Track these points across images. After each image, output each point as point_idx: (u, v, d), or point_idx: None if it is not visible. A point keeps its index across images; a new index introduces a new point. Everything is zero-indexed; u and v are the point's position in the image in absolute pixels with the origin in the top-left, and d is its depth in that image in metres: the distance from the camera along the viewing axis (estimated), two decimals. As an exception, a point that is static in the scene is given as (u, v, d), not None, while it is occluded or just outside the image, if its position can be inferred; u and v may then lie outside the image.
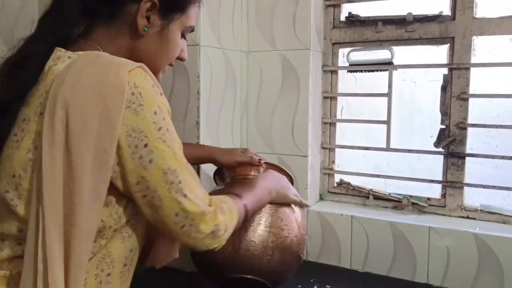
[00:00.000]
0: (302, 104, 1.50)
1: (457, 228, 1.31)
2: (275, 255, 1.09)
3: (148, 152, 0.76)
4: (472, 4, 1.36)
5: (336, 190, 1.62)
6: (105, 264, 0.82)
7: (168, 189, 0.79)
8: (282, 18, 1.50)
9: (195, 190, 0.83)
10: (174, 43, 0.90)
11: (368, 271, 1.42)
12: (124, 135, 0.74)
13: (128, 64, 0.77)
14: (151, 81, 0.78)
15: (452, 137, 1.41)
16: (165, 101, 0.81)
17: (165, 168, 0.78)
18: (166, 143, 0.78)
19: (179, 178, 0.80)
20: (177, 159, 0.80)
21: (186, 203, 0.81)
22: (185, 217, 0.82)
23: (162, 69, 0.93)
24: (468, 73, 1.38)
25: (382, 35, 1.49)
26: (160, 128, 0.77)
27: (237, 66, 1.52)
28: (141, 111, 0.75)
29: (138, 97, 0.75)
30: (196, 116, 1.36)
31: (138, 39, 0.87)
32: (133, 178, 0.77)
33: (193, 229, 0.83)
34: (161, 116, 0.77)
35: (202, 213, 0.83)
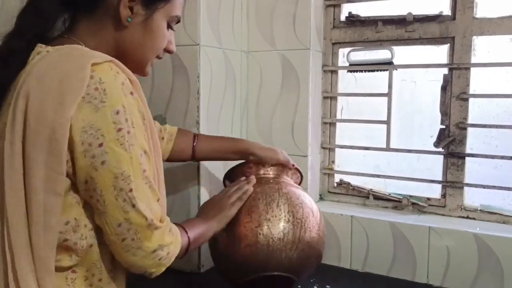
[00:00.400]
0: (302, 104, 1.50)
1: (457, 228, 1.31)
2: (302, 251, 1.09)
3: (101, 153, 0.73)
4: (472, 4, 1.36)
5: (336, 190, 1.62)
6: (97, 269, 0.81)
7: (116, 195, 0.75)
8: (282, 18, 1.50)
9: (148, 202, 0.78)
10: (159, 33, 0.88)
11: (368, 271, 1.42)
12: (79, 130, 0.71)
13: (96, 57, 0.75)
14: (122, 78, 0.75)
15: (452, 137, 1.41)
16: (135, 102, 0.77)
17: (117, 173, 0.74)
18: (123, 146, 0.74)
19: (131, 185, 0.75)
20: (133, 165, 0.75)
21: (132, 214, 0.76)
22: (128, 229, 0.77)
23: (149, 61, 0.90)
24: (468, 73, 1.38)
25: (382, 35, 1.49)
26: (120, 129, 0.73)
27: (237, 66, 1.52)
28: (102, 108, 0.72)
29: (101, 93, 0.72)
30: (196, 116, 1.36)
31: (122, 30, 0.84)
32: (81, 176, 0.74)
33: (134, 244, 0.78)
34: (124, 117, 0.73)
35: (148, 227, 0.78)
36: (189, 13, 1.34)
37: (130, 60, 0.86)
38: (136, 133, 0.76)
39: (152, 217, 0.79)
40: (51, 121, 0.70)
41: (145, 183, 0.78)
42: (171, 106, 1.39)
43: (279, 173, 1.23)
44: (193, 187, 1.39)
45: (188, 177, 1.39)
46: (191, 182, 1.39)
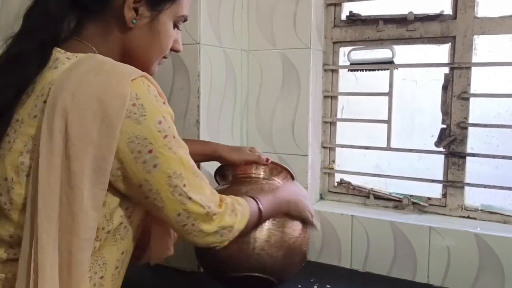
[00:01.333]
0: (303, 103, 1.49)
1: (457, 228, 1.31)
2: (280, 252, 1.09)
3: (152, 158, 0.76)
4: (473, 4, 1.35)
5: (336, 190, 1.62)
6: (98, 267, 0.82)
7: (172, 191, 0.79)
8: (283, 17, 1.50)
9: (203, 191, 0.84)
10: (165, 34, 0.88)
11: (369, 271, 1.42)
12: (125, 142, 0.73)
13: (131, 73, 0.75)
14: (154, 91, 0.78)
15: (453, 137, 1.41)
16: (169, 109, 0.81)
17: (170, 173, 0.78)
18: (172, 149, 0.78)
19: (184, 181, 0.80)
20: (184, 164, 0.80)
21: (190, 205, 0.81)
22: (187, 216, 0.82)
23: (155, 61, 0.90)
24: (469, 72, 1.37)
25: (383, 34, 1.48)
26: (166, 136, 0.77)
27: (237, 65, 1.52)
28: (144, 121, 0.74)
29: (140, 108, 0.74)
30: (196, 115, 1.35)
31: (128, 32, 0.84)
32: (136, 181, 0.77)
33: (195, 228, 0.84)
34: (167, 125, 0.77)
35: (207, 214, 0.84)
36: (190, 12, 1.33)
37: (136, 61, 0.86)
38: (178, 137, 0.81)
39: (209, 204, 0.84)
40: (95, 140, 0.71)
41: (196, 176, 0.83)
42: (171, 105, 1.37)
43: (269, 174, 1.22)
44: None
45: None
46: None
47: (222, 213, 0.87)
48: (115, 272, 0.85)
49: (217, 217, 0.86)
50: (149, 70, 0.91)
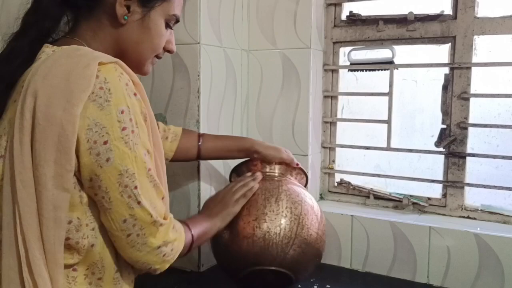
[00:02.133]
0: (303, 103, 1.49)
1: (457, 228, 1.31)
2: (299, 248, 1.11)
3: (106, 150, 0.74)
4: (474, 4, 1.35)
5: (336, 190, 1.62)
6: (97, 269, 0.82)
7: (121, 192, 0.76)
8: (283, 17, 1.50)
9: (152, 199, 0.80)
10: (156, 31, 0.89)
11: (368, 270, 1.42)
12: (84, 128, 0.73)
13: (101, 57, 0.76)
14: (126, 79, 0.77)
15: (453, 137, 1.41)
16: (138, 102, 0.78)
17: (122, 170, 0.75)
18: (128, 144, 0.75)
19: (135, 183, 0.77)
20: (138, 163, 0.77)
21: (137, 210, 0.78)
22: (133, 224, 0.79)
23: (147, 59, 0.91)
24: (469, 72, 1.37)
25: (383, 34, 1.48)
26: (125, 128, 0.75)
27: (237, 64, 1.52)
28: (107, 106, 0.73)
29: (106, 92, 0.73)
30: (197, 115, 1.35)
31: (120, 28, 0.86)
32: (86, 174, 0.75)
33: (139, 240, 0.80)
34: (128, 117, 0.75)
35: (154, 223, 0.80)
36: (190, 12, 1.34)
37: (129, 59, 0.87)
38: (140, 133, 0.77)
39: (157, 214, 0.81)
40: (59, 118, 0.71)
41: (150, 181, 0.80)
42: (172, 104, 1.39)
43: (284, 172, 1.25)
44: (193, 183, 1.38)
45: (188, 173, 1.39)
46: (191, 178, 1.39)
47: (167, 225, 0.84)
48: (116, 275, 0.84)
49: (162, 229, 0.83)
50: (142, 69, 0.92)
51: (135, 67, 0.88)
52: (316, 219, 1.16)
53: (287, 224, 1.10)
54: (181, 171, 1.38)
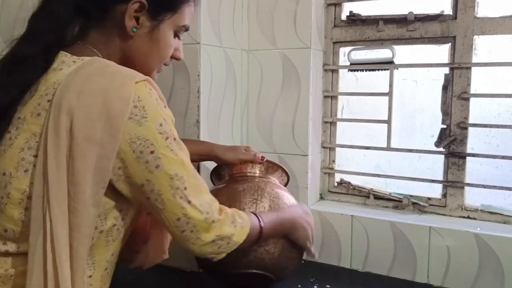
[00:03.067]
0: (303, 103, 1.49)
1: (457, 228, 1.31)
2: (277, 248, 1.09)
3: (154, 158, 0.77)
4: (474, 4, 1.35)
5: (336, 190, 1.62)
6: (87, 265, 0.81)
7: (173, 194, 0.80)
8: (283, 17, 1.50)
9: (202, 196, 0.84)
10: (165, 43, 0.89)
11: (368, 271, 1.42)
12: (127, 142, 0.75)
13: (134, 76, 0.77)
14: (155, 94, 0.79)
15: (453, 137, 1.41)
16: (169, 113, 0.82)
17: (172, 174, 0.79)
18: (173, 151, 0.79)
19: (185, 184, 0.81)
20: (185, 166, 0.81)
21: (190, 209, 0.82)
22: (186, 222, 0.83)
23: (154, 69, 0.92)
24: (469, 72, 1.37)
25: (383, 34, 1.48)
26: (167, 137, 0.78)
27: (237, 64, 1.52)
28: (145, 122, 0.76)
29: (141, 110, 0.76)
30: (197, 115, 1.35)
31: (129, 40, 0.86)
32: (138, 181, 0.78)
33: (193, 235, 0.84)
34: (168, 127, 0.78)
35: (205, 220, 0.84)
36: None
37: (136, 68, 0.86)
38: (179, 140, 0.82)
39: (208, 210, 0.84)
40: (100, 140, 0.73)
41: (197, 180, 0.84)
42: (172, 104, 1.39)
43: (265, 172, 1.24)
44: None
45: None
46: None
47: (221, 221, 0.87)
48: (104, 273, 0.85)
49: (216, 225, 0.86)
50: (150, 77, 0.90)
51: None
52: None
53: None
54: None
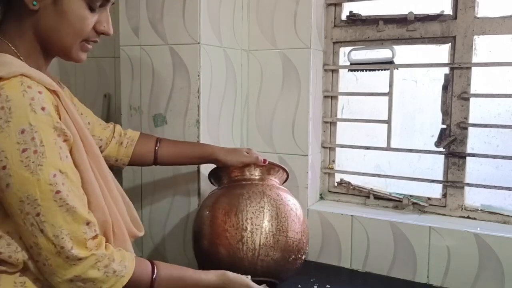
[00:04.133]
0: (303, 103, 1.49)
1: (457, 228, 1.31)
2: (279, 254, 1.10)
3: (5, 175, 0.70)
4: (474, 4, 1.35)
5: (336, 190, 1.62)
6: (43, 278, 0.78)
7: (23, 219, 0.72)
8: (283, 17, 1.50)
9: (61, 226, 0.73)
10: (74, 15, 0.80)
11: (368, 271, 1.42)
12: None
13: (4, 71, 0.71)
14: (33, 92, 0.71)
15: (453, 137, 1.41)
16: (47, 118, 0.72)
17: (22, 196, 0.70)
18: (29, 167, 0.70)
19: (37, 209, 0.71)
20: (41, 187, 0.71)
21: (41, 240, 0.72)
22: (38, 253, 0.74)
23: (72, 45, 0.83)
24: (469, 72, 1.37)
25: (383, 34, 1.48)
26: (25, 150, 0.70)
27: (237, 64, 1.52)
28: (6, 128, 0.69)
29: (6, 112, 0.69)
30: (197, 115, 1.35)
31: (35, 17, 0.80)
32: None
33: (47, 269, 0.74)
34: (30, 136, 0.70)
35: (59, 255, 0.73)
36: (190, 12, 1.33)
37: (53, 47, 0.83)
38: (46, 152, 0.71)
39: (63, 243, 0.73)
40: None
41: (59, 206, 0.72)
42: (172, 104, 1.39)
43: (264, 173, 1.23)
44: (193, 189, 1.39)
45: (188, 177, 1.39)
46: (191, 184, 1.39)
47: (86, 260, 0.75)
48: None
49: (75, 263, 0.74)
50: (71, 56, 0.85)
51: (63, 55, 0.85)
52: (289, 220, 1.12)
53: (269, 231, 1.09)
54: (182, 174, 1.38)
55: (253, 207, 1.11)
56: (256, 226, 1.09)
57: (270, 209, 1.11)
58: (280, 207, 1.13)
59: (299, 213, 1.17)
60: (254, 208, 1.11)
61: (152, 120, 1.42)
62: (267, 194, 1.14)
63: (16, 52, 0.81)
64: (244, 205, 1.11)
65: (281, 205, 1.13)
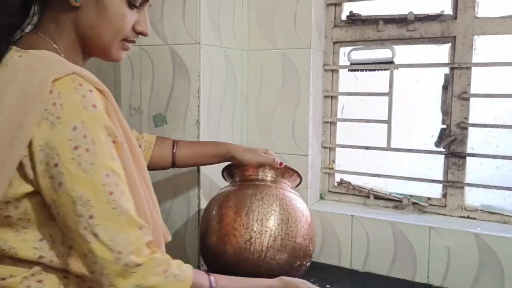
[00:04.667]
0: (303, 103, 1.49)
1: (457, 228, 1.31)
2: (284, 257, 1.10)
3: (58, 173, 0.67)
4: (474, 4, 1.35)
5: (336, 190, 1.62)
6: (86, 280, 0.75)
7: (76, 222, 0.67)
8: (283, 17, 1.50)
9: (118, 229, 0.69)
10: (114, 12, 0.80)
11: (368, 271, 1.42)
12: (37, 149, 0.67)
13: (58, 71, 0.70)
14: (84, 90, 0.69)
15: (453, 137, 1.41)
16: (99, 115, 0.70)
17: (74, 196, 0.67)
18: (81, 166, 0.67)
19: (90, 211, 0.67)
20: (94, 187, 0.67)
21: (96, 245, 0.67)
22: (93, 261, 0.69)
23: (111, 43, 0.83)
24: (469, 72, 1.37)
25: (383, 34, 1.48)
26: (77, 147, 0.67)
27: (237, 64, 1.52)
28: (58, 124, 0.66)
29: (58, 108, 0.67)
30: (197, 115, 1.35)
31: (76, 13, 0.79)
32: (46, 198, 0.69)
33: (104, 280, 0.69)
34: (82, 133, 0.67)
35: (116, 262, 0.68)
36: (190, 12, 1.33)
37: (92, 45, 0.83)
38: (98, 151, 0.68)
39: (121, 249, 0.69)
40: (9, 140, 0.66)
41: (112, 208, 0.69)
42: (172, 105, 1.39)
43: (277, 175, 1.22)
44: (193, 189, 1.38)
45: (188, 178, 1.39)
46: (191, 184, 1.39)
47: (144, 266, 0.71)
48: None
49: (134, 270, 0.70)
50: (110, 55, 0.85)
51: (101, 54, 0.84)
52: (298, 225, 1.12)
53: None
54: (182, 176, 1.38)
55: (265, 209, 1.11)
56: (265, 228, 1.09)
57: (281, 212, 1.11)
58: (291, 212, 1.13)
59: (309, 220, 1.17)
60: (265, 210, 1.10)
61: (152, 120, 1.42)
62: (280, 197, 1.14)
63: (58, 50, 0.79)
64: (256, 206, 1.11)
65: (292, 210, 1.13)
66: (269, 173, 1.22)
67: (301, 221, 1.13)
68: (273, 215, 1.10)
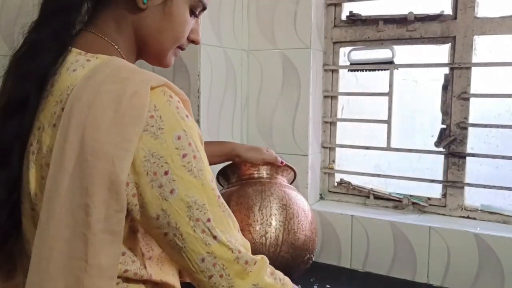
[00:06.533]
0: (303, 103, 1.49)
1: (457, 228, 1.31)
2: (287, 253, 1.12)
3: (169, 181, 0.65)
4: (474, 4, 1.35)
5: (336, 190, 1.62)
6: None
7: (193, 226, 0.66)
8: (283, 17, 1.50)
9: (231, 231, 0.70)
10: (179, 18, 0.79)
11: (368, 270, 1.42)
12: (141, 160, 0.64)
13: (149, 81, 0.67)
14: (175, 102, 0.68)
15: (453, 137, 1.41)
16: (193, 124, 0.69)
17: (189, 201, 0.66)
18: (192, 172, 0.67)
19: (207, 215, 0.67)
20: (206, 192, 0.68)
21: (216, 247, 0.68)
22: (213, 264, 0.68)
23: (169, 49, 0.81)
24: (469, 72, 1.37)
25: (383, 34, 1.48)
26: (185, 155, 0.66)
27: (237, 64, 1.52)
28: (161, 135, 0.65)
29: (157, 120, 0.65)
30: (197, 115, 1.35)
31: (140, 14, 0.76)
32: (152, 211, 0.66)
33: (224, 282, 0.69)
34: (187, 141, 0.67)
35: (237, 261, 0.69)
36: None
37: (150, 49, 0.81)
38: (202, 157, 0.69)
39: (240, 248, 0.70)
40: (110, 154, 0.63)
41: (222, 210, 0.70)
42: (172, 105, 1.39)
43: (272, 172, 1.24)
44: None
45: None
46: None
47: (259, 266, 0.72)
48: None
49: (252, 269, 0.71)
50: (164, 60, 0.83)
51: (156, 59, 0.82)
52: (306, 219, 1.16)
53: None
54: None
55: (277, 204, 1.14)
56: (279, 223, 1.12)
57: (291, 207, 1.15)
58: (300, 205, 1.17)
59: (310, 214, 1.21)
60: (277, 205, 1.14)
61: (152, 120, 1.42)
62: (287, 193, 1.17)
63: (120, 52, 0.77)
64: (267, 201, 1.14)
65: (297, 205, 1.17)
66: (264, 170, 1.23)
67: (307, 215, 1.18)
68: (285, 210, 1.13)
